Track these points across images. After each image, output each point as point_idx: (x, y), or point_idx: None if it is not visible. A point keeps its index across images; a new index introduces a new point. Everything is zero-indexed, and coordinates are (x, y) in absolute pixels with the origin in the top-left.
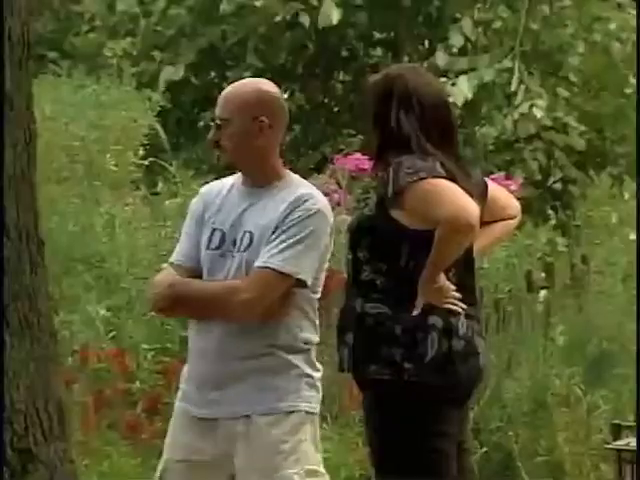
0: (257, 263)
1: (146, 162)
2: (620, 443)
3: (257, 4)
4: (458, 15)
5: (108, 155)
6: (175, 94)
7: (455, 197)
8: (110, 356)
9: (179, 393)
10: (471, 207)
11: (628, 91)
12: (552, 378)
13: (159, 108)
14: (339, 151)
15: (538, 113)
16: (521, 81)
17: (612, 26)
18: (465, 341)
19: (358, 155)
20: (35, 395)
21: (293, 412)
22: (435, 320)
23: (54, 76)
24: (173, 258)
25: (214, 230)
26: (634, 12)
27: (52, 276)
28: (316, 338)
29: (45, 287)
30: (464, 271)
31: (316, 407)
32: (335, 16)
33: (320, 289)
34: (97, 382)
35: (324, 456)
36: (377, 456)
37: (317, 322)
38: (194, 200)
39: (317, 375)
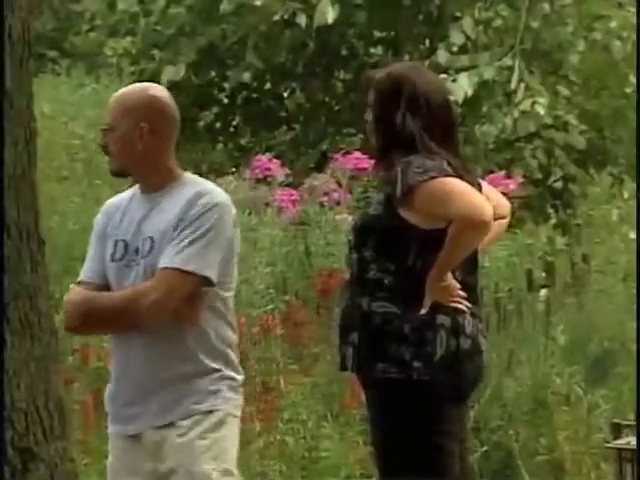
0: (160, 264)
1: None
2: (620, 442)
3: (257, 3)
4: (458, 14)
5: None
6: (175, 93)
7: (469, 195)
8: (110, 355)
9: (108, 417)
10: (486, 204)
11: (628, 90)
12: (552, 377)
13: None
14: (339, 150)
15: (540, 110)
16: (521, 79)
17: (612, 24)
18: (471, 340)
19: (358, 154)
20: (35, 394)
21: (212, 412)
22: (443, 319)
23: (54, 75)
24: (81, 277)
25: (117, 242)
26: (634, 10)
27: (52, 275)
28: (235, 339)
29: (46, 286)
30: (468, 270)
31: (237, 409)
32: (331, 15)
33: (233, 286)
34: (97, 381)
35: (325, 455)
36: (382, 455)
37: (235, 322)
38: (97, 217)
39: (239, 377)
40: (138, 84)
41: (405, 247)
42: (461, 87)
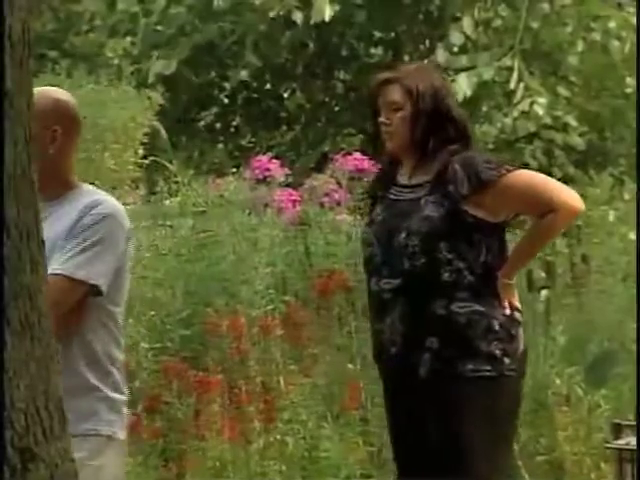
0: (49, 271)
1: (146, 161)
2: (620, 442)
3: (256, 2)
4: (458, 14)
5: (107, 154)
6: (175, 93)
7: (560, 185)
8: None
9: None
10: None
11: (628, 90)
12: (553, 377)
13: (159, 107)
14: (339, 150)
15: (539, 110)
16: (521, 79)
17: (611, 25)
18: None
19: (358, 155)
20: (35, 394)
21: (92, 436)
22: (518, 315)
23: (54, 75)
24: None
25: None
26: (633, 11)
27: None
28: (121, 358)
29: (45, 286)
30: None
31: (119, 432)
32: (327, 12)
33: (123, 302)
34: None
35: (324, 455)
36: (467, 453)
37: (122, 340)
38: None
39: (121, 398)
40: (41, 88)
41: (477, 243)
42: (460, 87)
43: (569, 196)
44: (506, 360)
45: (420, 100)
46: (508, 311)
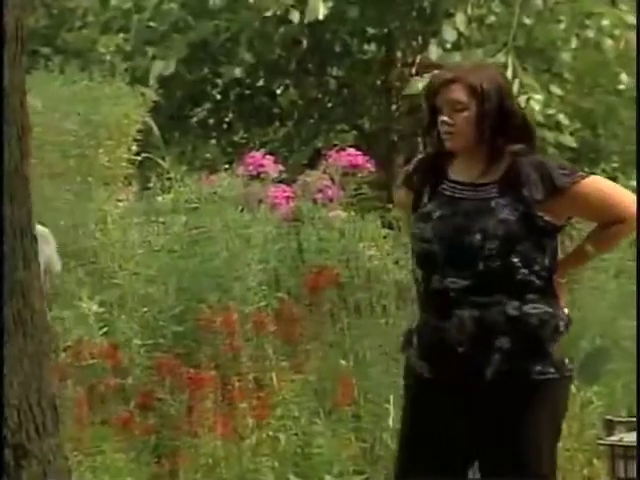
0: None
1: (139, 158)
2: (613, 439)
3: (250, 0)
4: (452, 10)
5: (101, 151)
6: (168, 90)
7: (629, 194)
8: (103, 352)
9: None
10: None
11: (621, 87)
12: None
13: (152, 104)
14: (332, 147)
15: (536, 106)
16: (515, 76)
17: (605, 22)
18: None
19: (351, 151)
20: (28, 391)
21: None
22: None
23: (47, 71)
24: None
25: None
26: (627, 8)
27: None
28: None
29: (38, 283)
30: None
31: None
32: (322, 10)
33: None
34: (90, 378)
35: (317, 451)
36: (533, 455)
37: None
38: None
39: None
40: None
41: (545, 247)
42: None
43: (636, 206)
44: (566, 361)
45: (485, 99)
46: (567, 311)
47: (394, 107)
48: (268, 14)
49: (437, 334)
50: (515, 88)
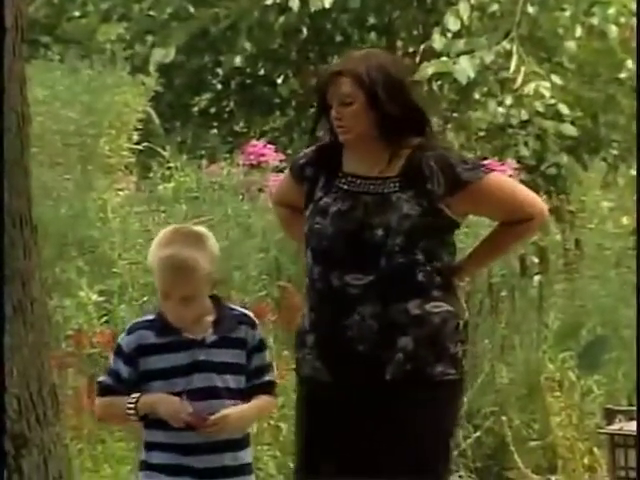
0: None
1: (139, 147)
2: (613, 428)
3: None
4: None
5: (101, 140)
6: (168, 78)
7: (533, 193)
8: (103, 341)
9: None
10: None
11: (622, 76)
12: (545, 363)
13: (153, 93)
14: None
15: (546, 93)
16: (522, 62)
17: (611, 11)
18: None
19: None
20: (29, 380)
21: None
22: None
23: (47, 61)
24: None
25: None
26: None
27: (45, 261)
28: None
29: (39, 272)
30: None
31: None
32: None
33: None
34: (90, 367)
35: None
36: (430, 453)
37: None
38: None
39: None
40: None
41: (447, 243)
42: (463, 70)
43: (543, 206)
44: (464, 362)
45: (373, 90)
46: (467, 314)
47: None
48: (268, 2)
49: (336, 333)
50: (521, 76)
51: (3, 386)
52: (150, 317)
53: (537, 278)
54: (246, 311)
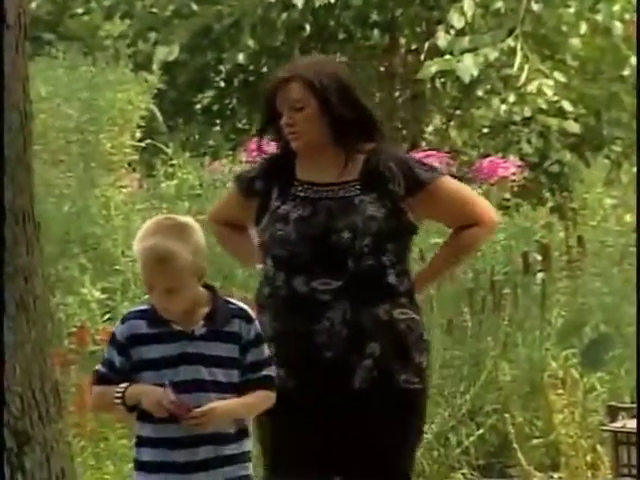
0: None
1: (142, 144)
2: (616, 425)
3: None
4: None
5: (104, 137)
6: (171, 76)
7: (483, 198)
8: (106, 338)
9: None
10: None
11: (626, 73)
12: (548, 360)
13: (156, 90)
14: None
15: (549, 92)
16: (527, 59)
17: (616, 7)
18: None
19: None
20: (31, 377)
21: None
22: None
23: (50, 58)
24: None
25: None
26: None
27: (48, 258)
28: None
29: (41, 269)
30: None
31: None
32: None
33: None
34: (93, 364)
35: None
36: (393, 464)
37: None
38: None
39: None
40: None
41: (409, 247)
42: (467, 68)
43: (493, 211)
44: (427, 372)
45: (325, 95)
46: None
47: (397, 93)
48: (272, 0)
49: (303, 339)
50: (525, 73)
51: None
52: (144, 307)
53: (540, 275)
54: (242, 305)
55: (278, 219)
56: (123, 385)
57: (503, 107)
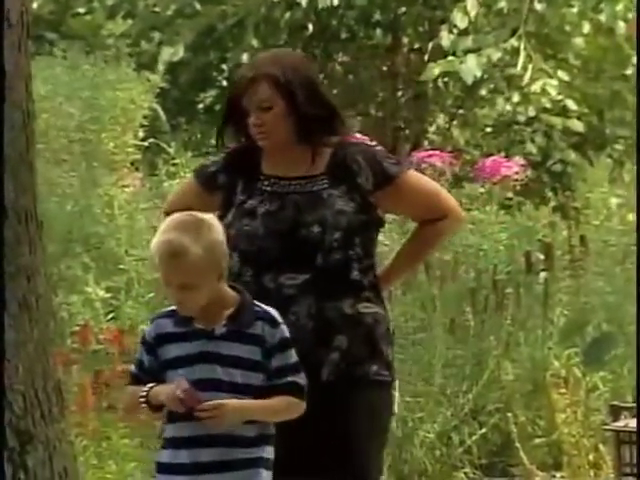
0: None
1: (145, 143)
2: (619, 424)
3: None
4: None
5: (107, 136)
6: (174, 75)
7: (445, 190)
8: (109, 337)
9: None
10: None
11: (629, 72)
12: (551, 359)
13: (158, 89)
14: None
15: (552, 91)
16: (530, 59)
17: (619, 7)
18: None
19: (357, 136)
20: (34, 376)
21: None
22: None
23: (52, 57)
24: None
25: None
26: None
27: (51, 257)
28: None
29: (44, 268)
30: None
31: None
32: None
33: None
34: (96, 363)
35: None
36: (359, 457)
37: None
38: None
39: None
40: None
41: (376, 241)
42: (470, 70)
43: (458, 205)
44: (394, 365)
45: (291, 93)
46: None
47: (400, 93)
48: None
49: None
50: (529, 73)
51: (2, 382)
52: (172, 307)
53: (542, 275)
54: (269, 309)
55: (245, 214)
56: (149, 385)
57: (507, 107)
